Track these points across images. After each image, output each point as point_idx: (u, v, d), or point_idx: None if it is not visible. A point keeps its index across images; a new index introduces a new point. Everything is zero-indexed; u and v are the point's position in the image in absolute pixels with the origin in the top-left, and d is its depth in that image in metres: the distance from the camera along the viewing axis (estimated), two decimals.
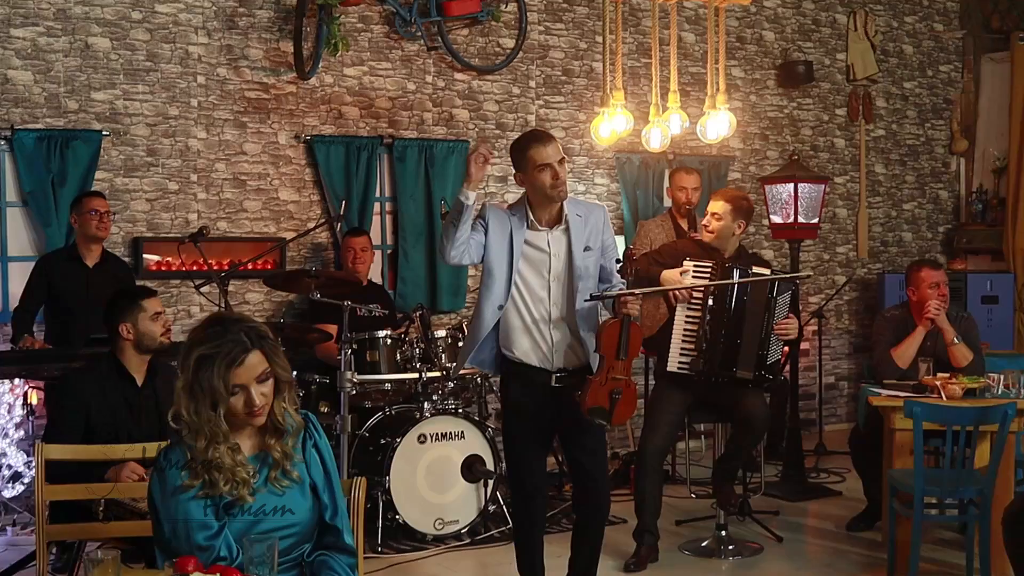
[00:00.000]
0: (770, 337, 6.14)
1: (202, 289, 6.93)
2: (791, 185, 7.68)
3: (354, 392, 6.79)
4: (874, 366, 6.74)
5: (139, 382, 5.06)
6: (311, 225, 8.00)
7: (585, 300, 4.97)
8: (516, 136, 5.41)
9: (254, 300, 7.88)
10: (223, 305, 6.66)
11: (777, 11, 10.16)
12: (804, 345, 9.68)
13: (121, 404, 5.01)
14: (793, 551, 6.53)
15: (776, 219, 7.84)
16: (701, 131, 7.07)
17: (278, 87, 8.01)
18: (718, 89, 7.00)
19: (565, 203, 4.97)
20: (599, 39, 9.10)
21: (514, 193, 8.21)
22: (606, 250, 5.09)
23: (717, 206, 6.30)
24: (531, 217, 4.94)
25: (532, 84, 8.95)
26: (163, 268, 7.57)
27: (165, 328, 5.07)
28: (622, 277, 5.09)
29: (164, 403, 5.10)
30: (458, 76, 8.67)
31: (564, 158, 4.91)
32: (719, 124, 6.98)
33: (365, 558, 6.25)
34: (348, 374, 6.63)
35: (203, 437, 3.11)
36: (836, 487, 7.93)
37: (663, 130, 7.03)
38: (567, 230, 4.97)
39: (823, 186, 7.89)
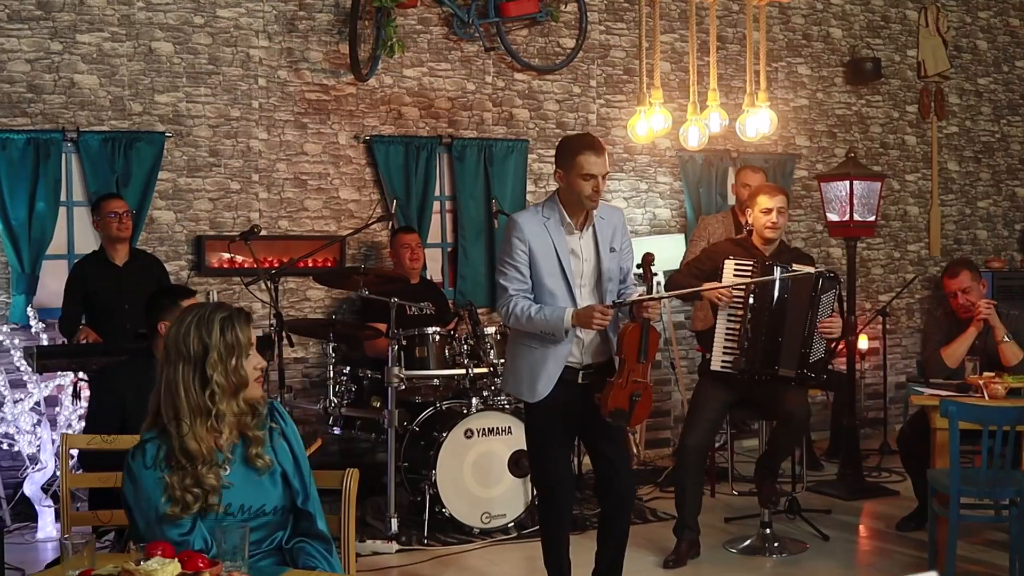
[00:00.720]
0: (813, 335, 6.05)
1: (252, 287, 7.04)
2: (846, 183, 7.55)
3: (403, 387, 6.85)
4: (923, 364, 6.60)
5: None
6: (372, 225, 8.09)
7: (610, 305, 4.96)
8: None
9: (315, 297, 7.97)
10: (275, 301, 6.75)
11: (845, 8, 9.98)
12: (873, 344, 9.51)
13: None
14: (838, 550, 6.40)
15: (832, 217, 7.71)
16: (740, 129, 6.97)
17: (338, 88, 8.09)
18: (758, 87, 6.87)
19: None
20: (663, 39, 9.08)
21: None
22: (622, 251, 5.12)
23: (781, 200, 6.14)
24: (567, 220, 4.95)
25: (593, 83, 8.92)
26: (225, 266, 7.70)
27: None
28: (643, 282, 5.13)
29: None
30: (518, 76, 8.68)
31: (608, 172, 4.96)
32: (759, 122, 6.86)
33: (410, 550, 6.40)
34: (395, 370, 6.69)
35: (231, 393, 3.24)
36: (895, 487, 7.75)
37: (700, 128, 6.94)
38: (594, 233, 5.00)
39: (879, 184, 7.73)
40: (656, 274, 5.21)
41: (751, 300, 6.04)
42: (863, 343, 9.15)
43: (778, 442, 6.25)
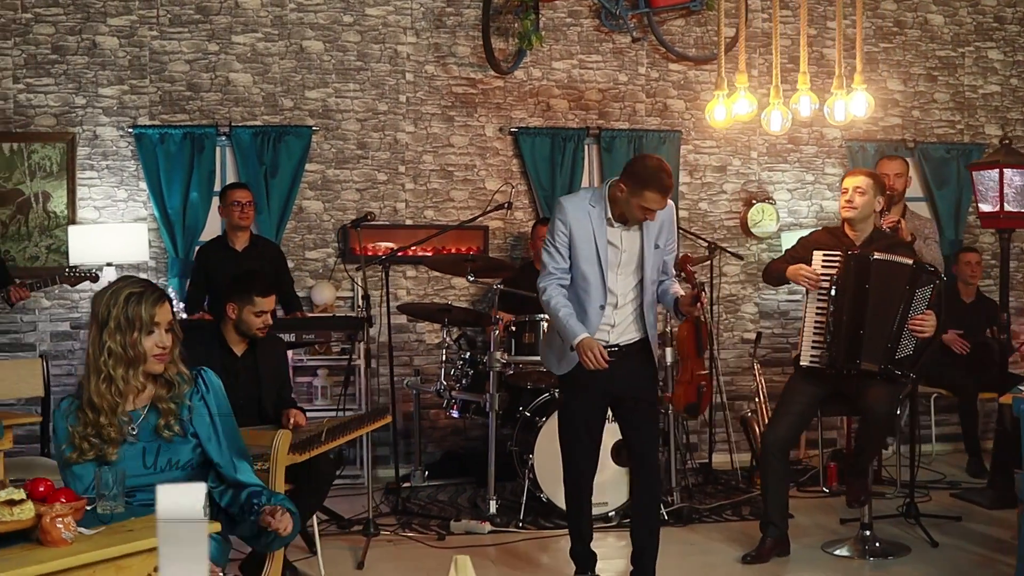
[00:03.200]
0: (903, 330, 5.50)
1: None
2: (996, 171, 6.82)
3: (511, 372, 6.72)
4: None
5: (239, 352, 5.34)
6: (518, 215, 8.01)
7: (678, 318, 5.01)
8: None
9: (459, 285, 7.92)
10: (386, 287, 6.77)
11: None
12: None
13: (219, 369, 5.21)
14: (939, 557, 5.72)
15: (985, 207, 6.97)
16: (828, 113, 6.42)
17: (485, 82, 8.05)
18: (855, 69, 6.30)
19: None
20: (831, 25, 8.55)
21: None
22: (667, 247, 5.10)
23: (859, 180, 5.71)
24: (610, 215, 4.95)
25: (754, 72, 8.48)
26: (368, 253, 7.79)
27: (263, 325, 5.38)
28: (683, 282, 5.15)
29: (263, 370, 5.33)
30: (673, 66, 8.36)
31: (664, 207, 4.91)
32: (855, 106, 6.29)
33: (503, 531, 6.25)
34: (497, 354, 6.57)
35: (130, 365, 3.34)
36: None
37: (783, 112, 6.44)
38: (640, 227, 4.97)
39: None
40: (696, 272, 5.09)
41: (832, 291, 5.58)
42: None
43: (860, 439, 5.69)
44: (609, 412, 5.23)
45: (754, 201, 8.40)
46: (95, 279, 6.59)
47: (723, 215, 8.45)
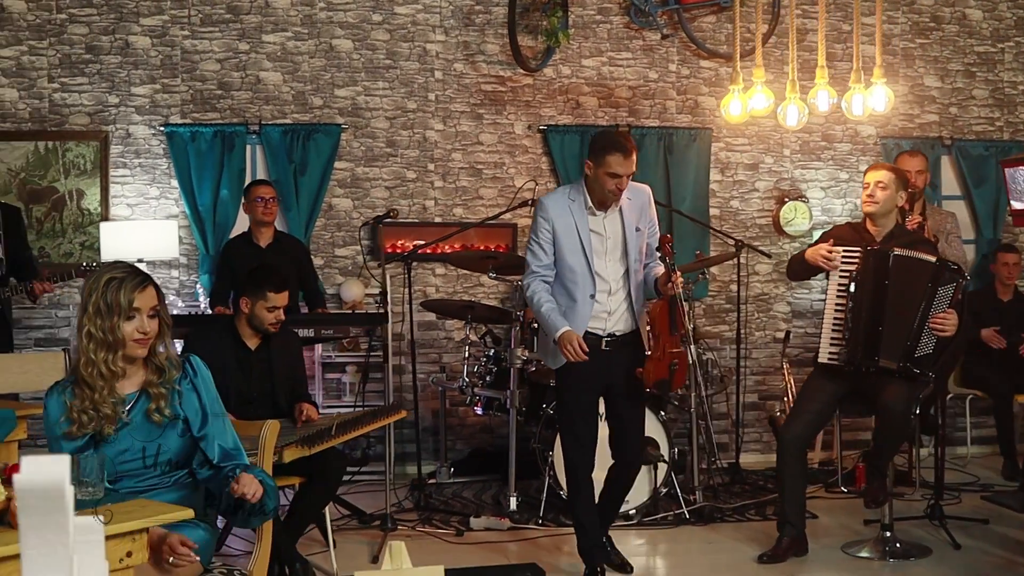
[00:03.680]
0: (924, 328, 5.39)
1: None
2: None
3: (533, 368, 6.69)
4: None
5: (253, 346, 5.36)
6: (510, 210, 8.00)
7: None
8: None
9: (488, 282, 7.89)
10: (408, 284, 6.76)
11: None
12: None
13: (232, 362, 5.32)
14: (961, 561, 5.58)
15: (1017, 205, 6.83)
16: (846, 107, 6.31)
17: (514, 80, 8.02)
18: (875, 63, 6.19)
19: None
20: (867, 21, 8.41)
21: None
22: (651, 227, 5.23)
23: (880, 175, 5.60)
24: (590, 203, 5.07)
25: (786, 69, 8.35)
26: (397, 251, 7.80)
27: (276, 321, 5.39)
28: (662, 261, 5.11)
29: (276, 365, 5.35)
30: (704, 63, 8.28)
31: (633, 173, 5.05)
32: (875, 100, 6.17)
33: (522, 528, 6.21)
34: (517, 351, 6.54)
35: (109, 348, 3.36)
36: None
37: (799, 107, 6.35)
38: (620, 213, 5.11)
39: None
40: (675, 253, 5.11)
41: (851, 287, 5.49)
42: None
43: (878, 438, 5.58)
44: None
45: (786, 199, 8.29)
46: None
47: (755, 213, 8.35)
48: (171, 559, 3.04)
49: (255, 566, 3.45)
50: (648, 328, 5.25)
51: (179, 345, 6.91)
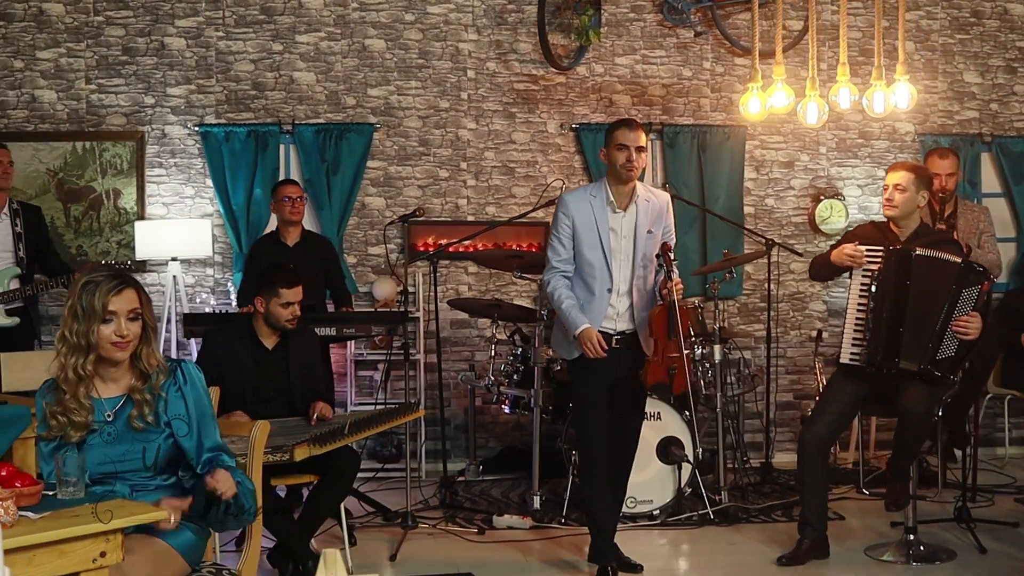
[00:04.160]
0: (946, 331, 5.29)
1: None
2: None
3: (558, 367, 6.66)
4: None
5: (270, 345, 5.39)
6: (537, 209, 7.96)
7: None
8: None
9: (519, 282, 7.85)
10: (433, 282, 6.76)
11: None
12: None
13: (249, 362, 5.36)
14: (985, 565, 5.45)
15: None
16: (867, 104, 6.19)
17: (547, 78, 7.99)
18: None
19: (638, 186, 5.21)
20: (904, 17, 8.26)
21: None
22: (666, 234, 5.26)
23: (899, 176, 5.49)
24: (611, 199, 5.15)
25: (824, 66, 8.22)
26: (429, 248, 7.80)
27: (292, 316, 5.41)
28: (662, 268, 5.11)
29: (293, 364, 5.37)
30: (739, 61, 8.18)
31: (644, 147, 5.12)
32: (899, 97, 6.05)
33: (545, 527, 6.19)
34: (541, 350, 6.52)
35: (80, 352, 3.37)
36: None
37: (819, 104, 6.24)
38: (636, 213, 5.17)
39: None
40: (676, 260, 5.16)
41: (872, 287, 5.40)
42: None
43: (898, 440, 5.47)
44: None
45: (822, 197, 8.18)
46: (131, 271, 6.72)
47: (790, 211, 8.25)
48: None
49: (243, 566, 3.46)
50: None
51: (195, 344, 7.03)
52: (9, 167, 6.57)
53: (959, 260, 5.33)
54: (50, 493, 3.12)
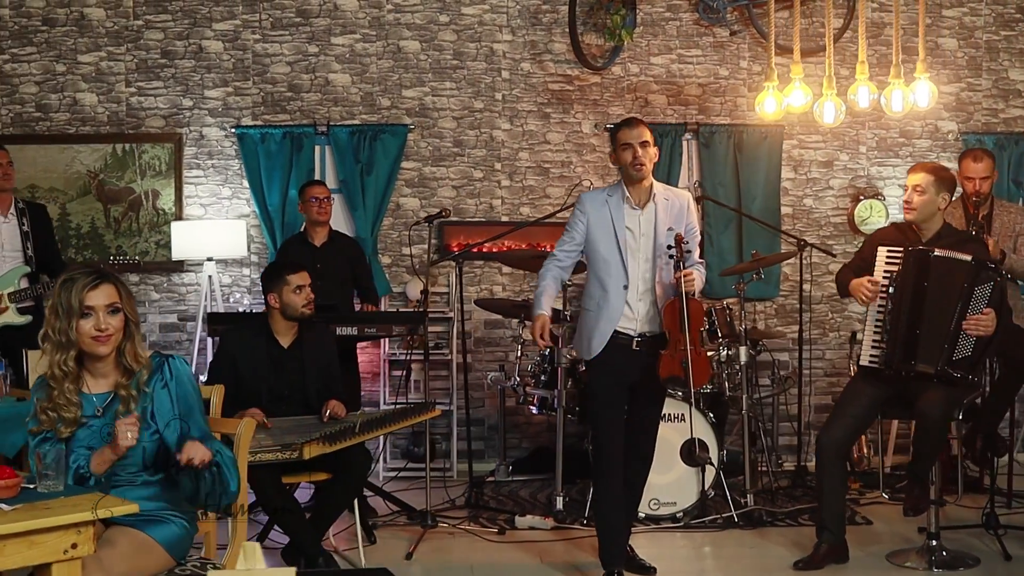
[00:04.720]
0: (960, 330, 5.20)
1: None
2: None
3: (584, 367, 6.63)
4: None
5: (285, 344, 5.43)
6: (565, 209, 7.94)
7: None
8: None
9: None
10: (460, 283, 6.77)
11: None
12: None
13: (265, 360, 5.40)
14: (1008, 572, 5.35)
15: None
16: (885, 103, 6.10)
17: (582, 78, 7.96)
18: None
19: (655, 186, 5.19)
20: (946, 14, 8.15)
21: None
22: (690, 233, 5.17)
23: (918, 178, 5.40)
24: (628, 197, 5.14)
25: (873, 61, 8.12)
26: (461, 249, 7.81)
27: (307, 300, 5.45)
28: (670, 257, 5.06)
29: (308, 362, 5.41)
30: (776, 60, 8.07)
31: (648, 142, 5.11)
32: (920, 95, 5.95)
33: (567, 527, 6.18)
34: (564, 350, 6.51)
35: (62, 349, 3.43)
36: None
37: (836, 103, 6.16)
38: (655, 211, 5.13)
39: None
40: (690, 252, 5.08)
41: (890, 289, 5.32)
42: None
43: (915, 445, 5.37)
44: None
45: (862, 197, 8.06)
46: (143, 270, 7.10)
47: (829, 211, 8.14)
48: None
49: (229, 559, 3.50)
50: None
51: (211, 341, 7.11)
52: (9, 168, 6.62)
53: (970, 258, 5.24)
54: (31, 486, 3.17)
